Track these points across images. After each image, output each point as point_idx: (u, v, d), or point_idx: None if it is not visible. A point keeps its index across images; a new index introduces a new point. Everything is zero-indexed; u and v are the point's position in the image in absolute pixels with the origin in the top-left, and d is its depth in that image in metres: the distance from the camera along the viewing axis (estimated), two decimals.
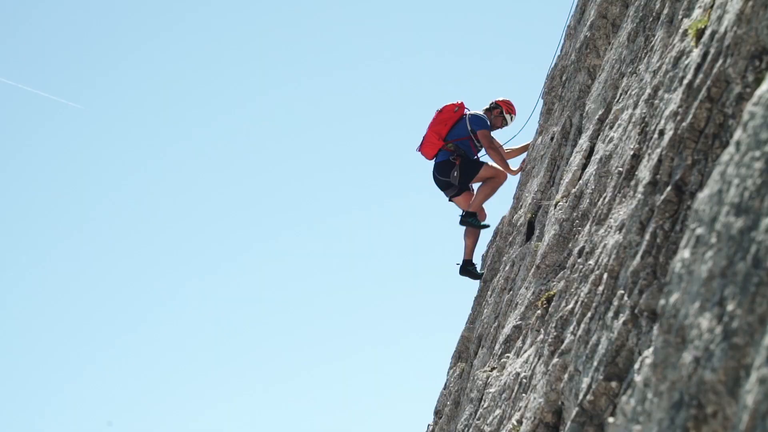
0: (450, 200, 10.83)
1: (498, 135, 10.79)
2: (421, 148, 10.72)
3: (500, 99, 10.96)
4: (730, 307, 2.34)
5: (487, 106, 10.87)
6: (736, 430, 2.09)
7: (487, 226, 10.72)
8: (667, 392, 2.77)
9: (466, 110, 10.66)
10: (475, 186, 10.75)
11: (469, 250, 10.85)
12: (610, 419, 3.76)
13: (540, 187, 8.89)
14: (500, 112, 10.84)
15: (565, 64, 9.98)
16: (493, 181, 10.61)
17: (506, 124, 10.93)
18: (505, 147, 10.95)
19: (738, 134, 2.59)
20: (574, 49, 9.42)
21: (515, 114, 10.98)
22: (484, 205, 10.83)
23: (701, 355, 2.46)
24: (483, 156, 10.78)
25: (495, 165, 10.55)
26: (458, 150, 10.44)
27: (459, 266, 10.87)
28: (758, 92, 2.56)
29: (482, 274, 10.73)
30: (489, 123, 10.53)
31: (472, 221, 10.52)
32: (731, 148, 2.62)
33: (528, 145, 11.00)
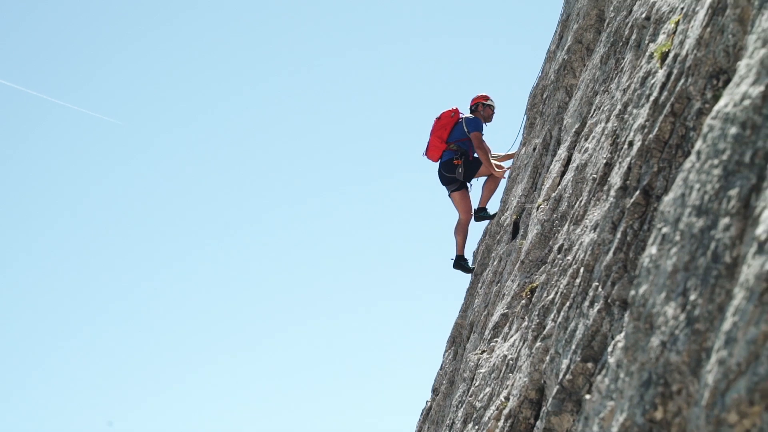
0: (450, 195, 11.72)
1: (492, 133, 12.07)
2: (427, 153, 11.69)
3: (474, 97, 11.89)
4: (692, 297, 2.43)
5: (472, 109, 11.81)
6: (698, 406, 2.22)
7: (494, 216, 11.44)
8: (637, 372, 2.91)
9: (461, 115, 11.60)
10: (475, 187, 12.03)
11: (461, 246, 11.71)
12: (587, 396, 3.95)
13: (524, 192, 9.43)
14: (482, 105, 11.74)
15: (546, 84, 10.59)
16: (494, 178, 11.68)
17: (493, 108, 11.84)
18: (493, 152, 11.84)
19: (698, 145, 2.66)
20: (554, 71, 10.01)
21: (490, 98, 11.87)
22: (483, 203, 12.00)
23: (667, 339, 2.56)
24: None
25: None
26: (460, 149, 11.38)
27: (452, 261, 11.78)
28: (716, 107, 2.61)
29: (473, 268, 11.64)
30: (482, 124, 11.45)
31: (484, 215, 11.66)
32: (693, 157, 2.70)
33: (513, 154, 11.84)
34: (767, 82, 2.29)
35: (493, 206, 11.94)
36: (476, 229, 12.46)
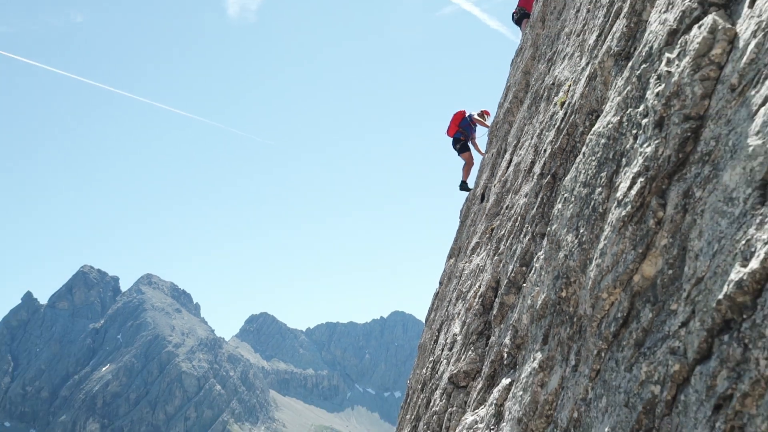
0: (459, 155, 18.99)
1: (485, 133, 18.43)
2: (448, 132, 19.02)
3: (477, 115, 19.00)
4: (581, 231, 3.49)
5: (477, 114, 18.86)
6: (585, 289, 3.28)
7: (471, 189, 17.48)
8: (551, 271, 3.98)
9: (466, 114, 18.89)
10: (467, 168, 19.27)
11: (465, 177, 18.91)
12: (524, 284, 5.19)
13: (487, 177, 13.52)
14: (477, 117, 18.86)
15: (498, 120, 15.11)
16: (469, 165, 18.86)
17: (485, 117, 18.82)
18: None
19: (584, 149, 3.78)
20: (502, 112, 14.54)
21: (487, 114, 18.92)
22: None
23: (567, 253, 3.64)
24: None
25: (472, 149, 19.05)
26: (464, 131, 18.83)
27: (460, 184, 18.88)
28: (593, 129, 3.72)
29: (471, 190, 17.35)
30: (474, 126, 18.80)
31: (465, 187, 18.72)
32: (580, 156, 3.83)
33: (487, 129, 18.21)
34: (620, 115, 3.36)
35: (470, 184, 18.42)
36: (461, 196, 18.94)
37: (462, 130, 18.92)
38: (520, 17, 18.47)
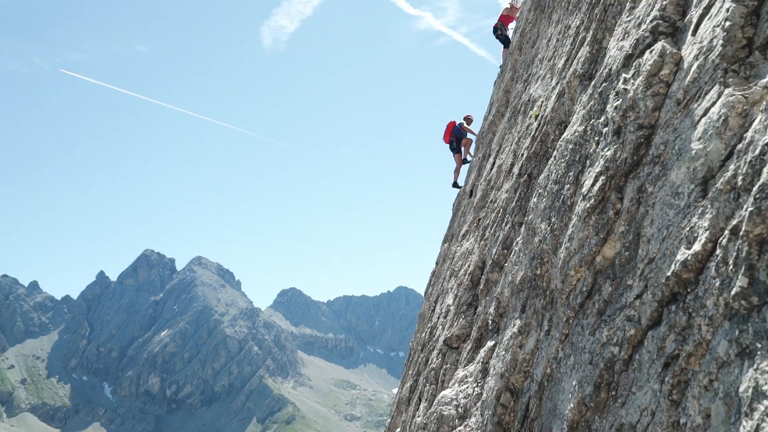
0: (453, 156, 19.07)
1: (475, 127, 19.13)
2: (444, 139, 19.35)
3: (463, 119, 19.29)
4: (553, 220, 3.50)
5: (463, 123, 19.20)
6: (556, 267, 3.27)
7: (461, 187, 17.22)
8: (528, 253, 3.97)
9: (456, 123, 19.11)
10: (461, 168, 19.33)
11: (456, 177, 18.84)
12: (505, 264, 5.12)
13: (475, 176, 13.18)
14: (466, 122, 19.32)
15: (484, 129, 15.46)
16: (459, 163, 18.94)
17: (470, 122, 19.15)
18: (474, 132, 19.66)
19: (554, 153, 3.76)
20: (487, 124, 14.69)
21: (470, 119, 19.29)
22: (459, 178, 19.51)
23: (541, 238, 3.64)
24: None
25: (462, 151, 19.15)
26: (456, 137, 18.96)
27: (452, 184, 18.82)
28: (562, 137, 3.70)
29: (461, 187, 17.18)
30: (463, 131, 18.86)
31: (456, 185, 18.42)
32: (551, 159, 3.80)
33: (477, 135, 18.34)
34: (585, 125, 3.34)
35: (461, 182, 18.37)
36: (453, 192, 18.84)
37: (454, 136, 19.29)
38: (501, 39, 19.76)
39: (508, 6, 19.57)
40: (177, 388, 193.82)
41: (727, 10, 2.27)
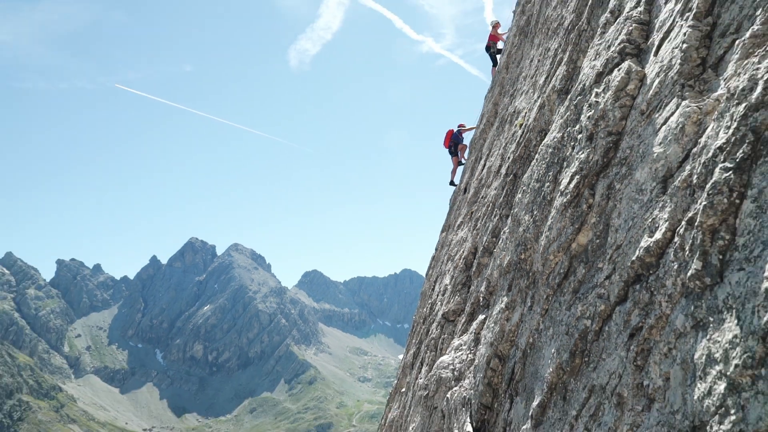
0: (451, 158, 18.35)
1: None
2: (444, 144, 18.44)
3: (459, 126, 18.45)
4: (535, 213, 3.48)
5: (460, 129, 18.41)
6: (537, 253, 3.24)
7: (456, 185, 17.36)
8: (513, 241, 3.94)
9: (454, 131, 18.29)
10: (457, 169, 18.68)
11: (452, 176, 18.26)
12: (494, 250, 5.02)
13: (468, 176, 13.05)
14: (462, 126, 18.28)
15: (476, 136, 15.22)
16: (455, 165, 18.23)
17: (463, 127, 18.36)
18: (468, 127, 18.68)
19: (536, 156, 3.72)
20: (478, 131, 14.71)
21: (463, 126, 18.43)
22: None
23: (525, 228, 3.62)
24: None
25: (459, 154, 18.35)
26: (454, 143, 18.16)
27: (449, 182, 18.32)
28: (543, 142, 3.67)
29: (457, 185, 16.83)
30: (461, 136, 18.09)
31: (453, 183, 18.03)
32: (534, 161, 3.77)
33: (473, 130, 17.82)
34: (562, 132, 3.31)
35: (456, 181, 18.05)
36: (450, 189, 18.03)
37: (453, 142, 19.02)
38: (492, 55, 19.45)
39: (490, 27, 19.70)
40: (217, 354, 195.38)
41: (684, 34, 2.25)
